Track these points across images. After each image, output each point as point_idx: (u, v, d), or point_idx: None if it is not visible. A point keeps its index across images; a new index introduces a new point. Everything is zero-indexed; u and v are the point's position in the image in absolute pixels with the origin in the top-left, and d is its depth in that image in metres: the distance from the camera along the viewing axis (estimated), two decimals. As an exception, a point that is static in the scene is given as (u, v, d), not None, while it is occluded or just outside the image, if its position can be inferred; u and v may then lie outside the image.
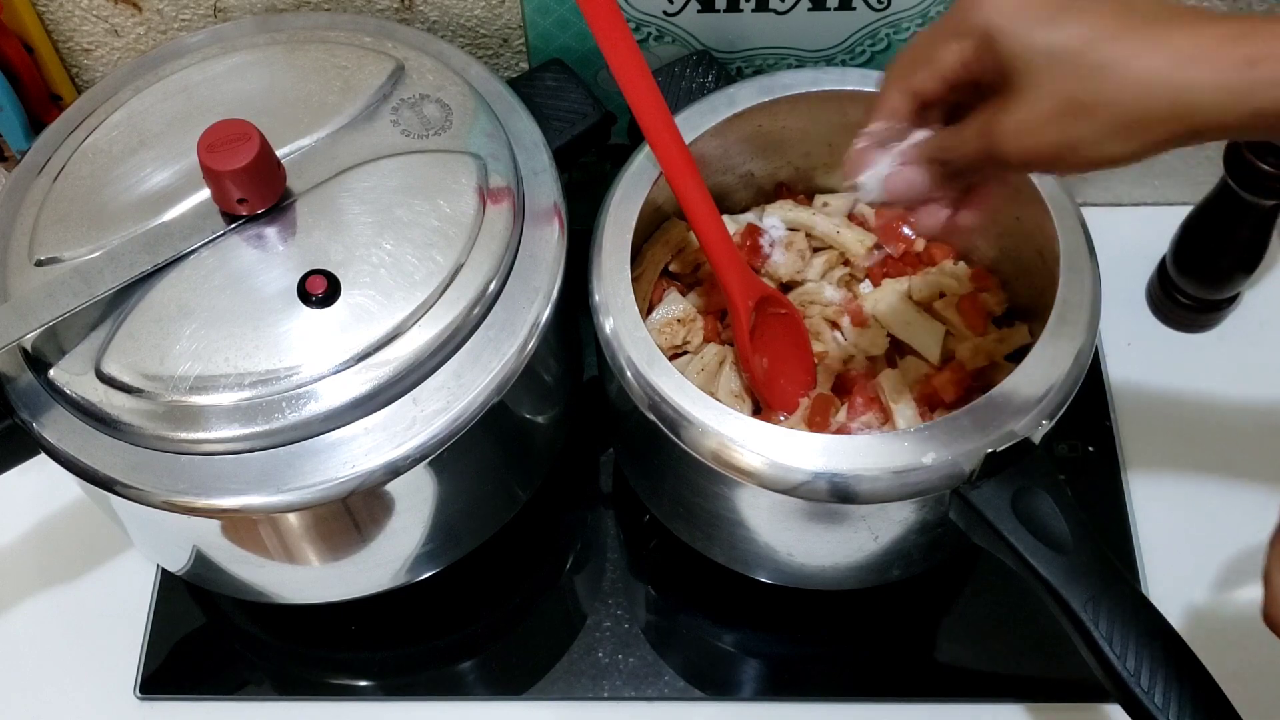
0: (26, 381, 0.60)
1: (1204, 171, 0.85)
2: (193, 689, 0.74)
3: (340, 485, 0.58)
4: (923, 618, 0.74)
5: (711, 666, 0.73)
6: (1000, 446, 0.57)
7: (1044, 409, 0.58)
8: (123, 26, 0.77)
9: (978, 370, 0.68)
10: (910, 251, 0.72)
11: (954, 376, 0.66)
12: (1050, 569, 0.56)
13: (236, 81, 0.67)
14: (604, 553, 0.77)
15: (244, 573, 0.66)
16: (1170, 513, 0.76)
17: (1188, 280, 0.80)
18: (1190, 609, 0.58)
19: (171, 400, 0.57)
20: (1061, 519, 0.57)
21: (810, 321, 0.71)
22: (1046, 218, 0.64)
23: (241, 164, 0.58)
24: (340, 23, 0.71)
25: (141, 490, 0.58)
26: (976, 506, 0.58)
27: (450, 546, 0.69)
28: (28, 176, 0.65)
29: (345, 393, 0.58)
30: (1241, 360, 0.82)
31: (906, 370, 0.68)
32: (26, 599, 0.76)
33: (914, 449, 0.57)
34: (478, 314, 0.61)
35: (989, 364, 0.68)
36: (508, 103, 0.68)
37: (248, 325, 0.59)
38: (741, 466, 0.58)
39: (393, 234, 0.61)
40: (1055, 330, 0.61)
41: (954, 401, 0.66)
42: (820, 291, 0.71)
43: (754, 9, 0.74)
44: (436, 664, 0.74)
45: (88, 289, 0.59)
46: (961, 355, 0.68)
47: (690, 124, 0.68)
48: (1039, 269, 0.66)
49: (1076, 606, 0.55)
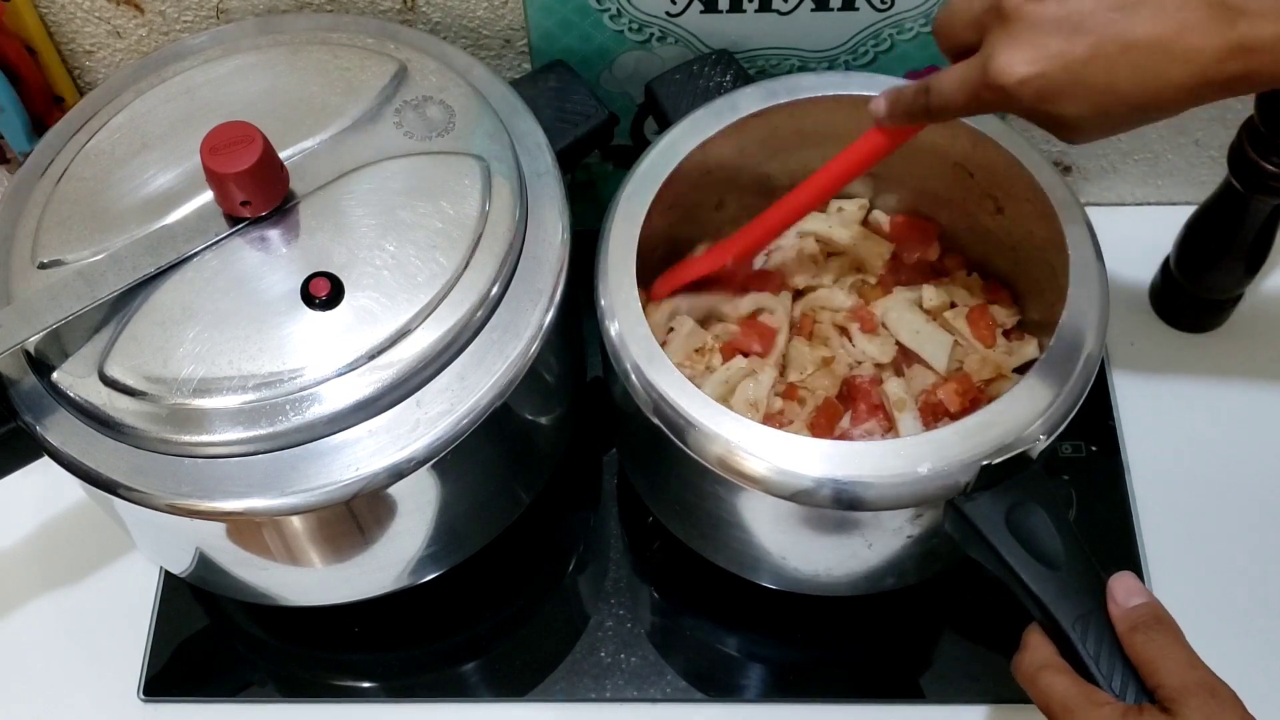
0: (30, 384, 0.60)
1: (1207, 171, 0.85)
2: (196, 691, 0.74)
3: (344, 488, 0.58)
4: (923, 621, 0.74)
5: (714, 668, 0.73)
6: (996, 459, 0.57)
7: (1043, 425, 0.58)
8: (125, 28, 0.77)
9: (985, 382, 0.67)
10: (924, 260, 0.72)
11: (959, 387, 0.66)
12: (1041, 585, 0.56)
13: (239, 83, 0.66)
14: (606, 554, 0.76)
15: (247, 575, 0.66)
16: (1174, 512, 0.76)
17: (1191, 280, 0.80)
18: (1193, 608, 0.58)
19: (175, 403, 0.57)
20: (1055, 535, 0.57)
21: (819, 327, 0.71)
22: (1058, 232, 0.63)
23: (245, 166, 0.58)
24: (343, 24, 0.71)
25: (144, 493, 0.58)
26: (970, 518, 0.57)
27: (454, 548, 0.69)
28: (30, 179, 0.65)
29: (349, 395, 0.58)
30: (1245, 360, 0.82)
31: (913, 379, 0.68)
32: (30, 602, 0.76)
33: (911, 458, 0.57)
34: (481, 316, 0.60)
35: (996, 376, 0.68)
36: (510, 104, 0.68)
37: (251, 328, 0.58)
38: (745, 471, 0.58)
39: (396, 236, 0.61)
40: (1058, 348, 0.60)
41: (959, 412, 0.66)
42: (831, 297, 0.71)
43: (757, 9, 0.73)
44: (440, 666, 0.74)
45: (91, 292, 0.59)
46: (969, 367, 0.68)
47: (704, 124, 0.67)
48: (1049, 283, 0.65)
49: (1065, 624, 0.55)
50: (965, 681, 0.72)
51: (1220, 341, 0.83)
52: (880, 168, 0.64)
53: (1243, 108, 0.78)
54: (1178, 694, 0.51)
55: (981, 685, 0.71)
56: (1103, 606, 0.55)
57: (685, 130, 0.68)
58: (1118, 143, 0.84)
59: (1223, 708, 0.50)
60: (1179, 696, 0.51)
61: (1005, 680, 0.71)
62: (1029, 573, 0.56)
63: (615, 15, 0.74)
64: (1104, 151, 0.85)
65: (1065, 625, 0.55)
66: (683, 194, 0.68)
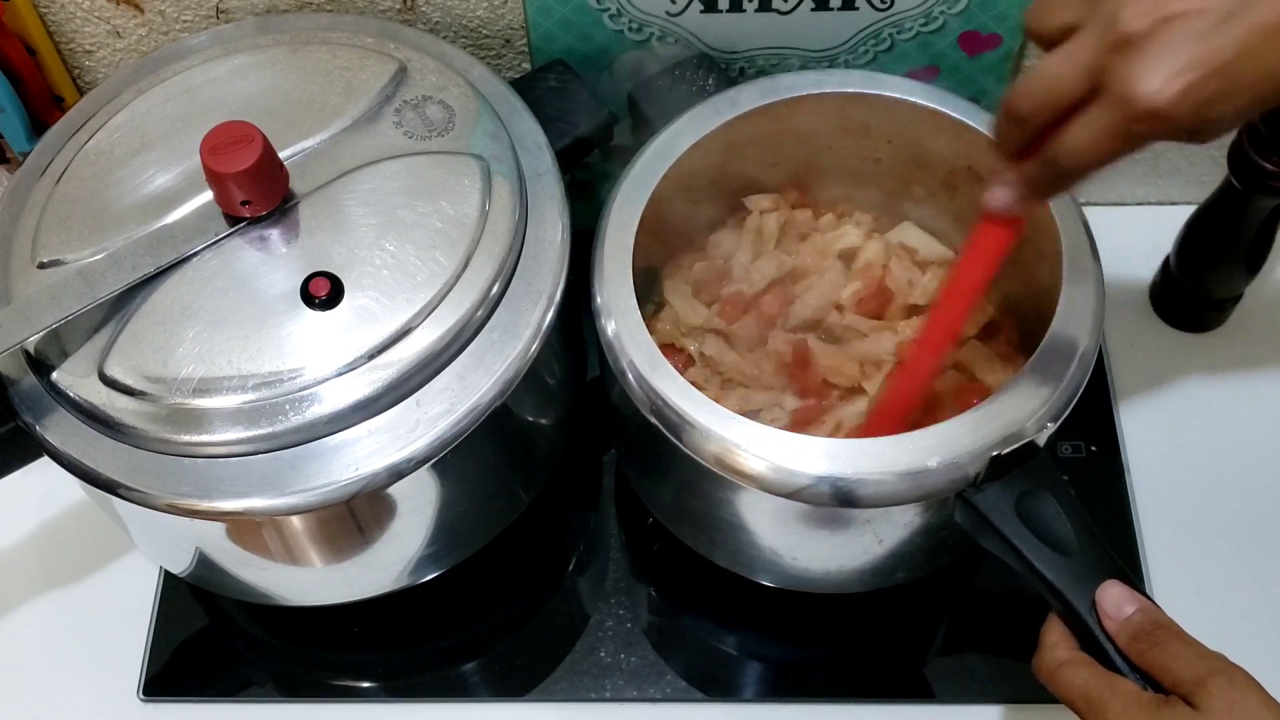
0: (29, 384, 0.60)
1: (1208, 171, 0.85)
2: (196, 690, 0.74)
3: (343, 488, 0.58)
4: (923, 620, 0.74)
5: (714, 668, 0.73)
6: (1005, 449, 0.57)
7: (1048, 411, 0.58)
8: (124, 28, 0.77)
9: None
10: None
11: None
12: (1054, 572, 0.56)
13: (239, 83, 0.66)
14: (606, 554, 0.76)
15: (247, 575, 0.66)
16: (1174, 513, 0.76)
17: (1192, 280, 0.80)
18: (1193, 608, 0.58)
19: (174, 403, 0.57)
20: (1066, 521, 0.57)
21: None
22: (1049, 219, 0.64)
23: (244, 166, 0.58)
24: (342, 24, 0.71)
25: (144, 493, 0.58)
26: (981, 509, 0.57)
27: (453, 548, 0.69)
28: (30, 178, 0.65)
29: (349, 395, 0.58)
30: (1245, 360, 0.82)
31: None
32: (29, 601, 0.76)
33: (918, 452, 0.57)
34: (481, 316, 0.60)
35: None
36: (510, 104, 0.68)
37: (251, 327, 0.58)
38: (744, 470, 0.58)
39: (396, 236, 0.61)
40: (1059, 333, 0.60)
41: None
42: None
43: (757, 9, 0.73)
44: (439, 665, 0.74)
45: (90, 291, 0.59)
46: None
47: (693, 127, 0.67)
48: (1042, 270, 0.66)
49: (1081, 610, 0.55)
50: (966, 680, 0.72)
51: (1220, 341, 0.83)
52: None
53: (1243, 107, 0.78)
54: (1197, 686, 0.51)
55: (982, 684, 0.71)
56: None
57: (679, 130, 0.67)
58: (1118, 142, 0.84)
59: (1243, 691, 0.50)
60: (1198, 689, 0.51)
61: (1006, 679, 0.71)
62: (1042, 560, 0.56)
63: (615, 15, 0.74)
64: (1104, 151, 0.85)
65: (1081, 610, 0.55)
66: (678, 193, 0.68)
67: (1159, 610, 0.55)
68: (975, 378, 0.69)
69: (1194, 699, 0.51)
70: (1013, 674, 0.71)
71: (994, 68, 0.77)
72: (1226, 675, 0.51)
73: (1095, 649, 0.55)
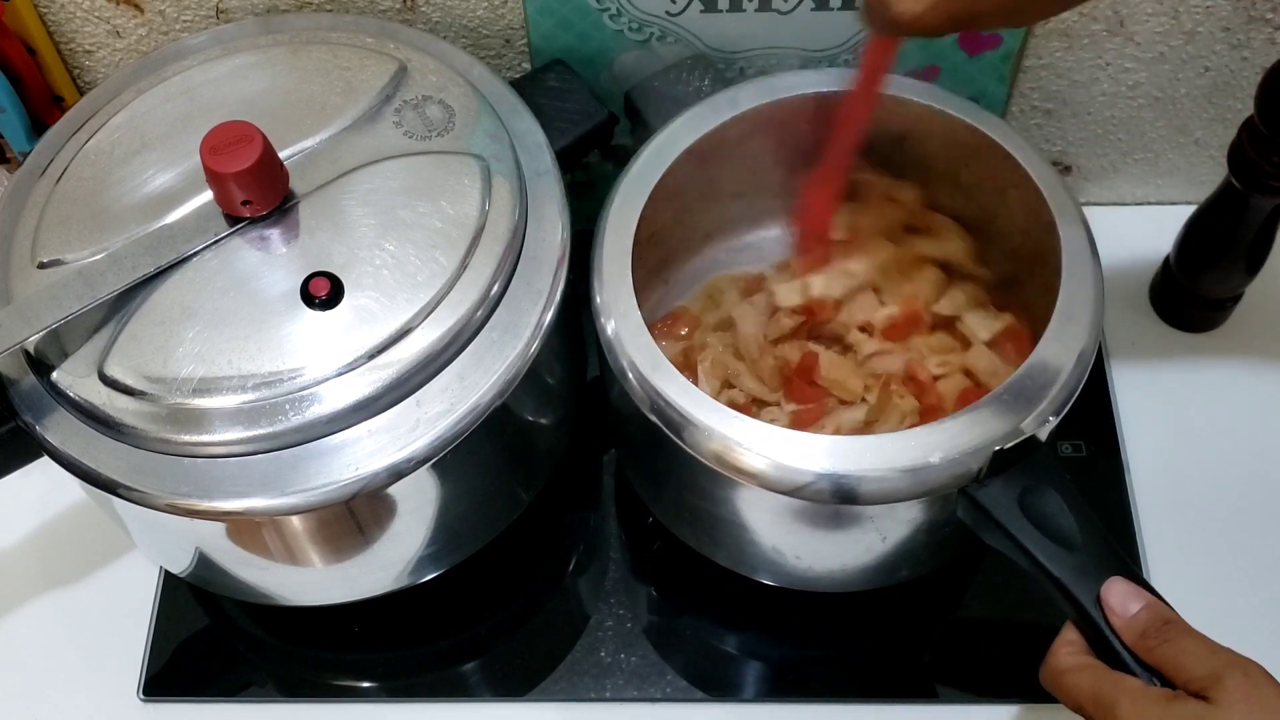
0: (29, 384, 0.60)
1: (1207, 171, 0.85)
2: (196, 691, 0.74)
3: (343, 488, 0.58)
4: (925, 618, 0.74)
5: (714, 667, 0.73)
6: (1008, 444, 0.57)
7: (1049, 406, 0.58)
8: (124, 28, 0.77)
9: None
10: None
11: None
12: (1059, 566, 0.56)
13: (239, 83, 0.66)
14: (606, 554, 0.76)
15: (247, 575, 0.66)
16: (1174, 512, 0.76)
17: (1191, 280, 0.80)
18: (1193, 608, 0.58)
19: (174, 403, 0.57)
20: (1069, 516, 0.57)
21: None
22: (1048, 215, 0.64)
23: (244, 166, 0.58)
24: (342, 24, 0.71)
25: (144, 493, 0.58)
26: (984, 505, 0.57)
27: (453, 548, 0.69)
28: (30, 178, 0.65)
29: (348, 395, 0.58)
30: (1245, 359, 0.82)
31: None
32: (29, 601, 0.76)
33: (920, 449, 0.57)
34: (481, 316, 0.60)
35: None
36: (510, 104, 0.68)
37: (251, 327, 0.58)
38: (744, 468, 0.58)
39: (396, 235, 0.61)
40: (1059, 328, 0.60)
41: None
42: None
43: (757, 9, 0.73)
44: (440, 665, 0.74)
45: (90, 291, 0.59)
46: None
47: (692, 126, 0.67)
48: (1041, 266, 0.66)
49: (1086, 603, 0.55)
50: (967, 679, 0.72)
51: (1220, 341, 0.83)
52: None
53: (1243, 108, 0.79)
54: (1212, 681, 0.51)
55: (985, 684, 0.71)
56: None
57: (678, 129, 0.68)
58: (1118, 142, 0.84)
59: (1259, 684, 0.50)
60: (1213, 684, 0.50)
61: (1009, 679, 0.71)
62: (1046, 555, 0.56)
63: (615, 15, 0.74)
64: (1104, 151, 0.85)
65: (1086, 605, 0.55)
66: (677, 192, 0.68)
67: (1166, 605, 0.55)
68: (977, 379, 0.69)
69: (1209, 693, 0.50)
70: (1016, 673, 0.71)
71: (994, 67, 0.77)
72: (1241, 668, 0.51)
73: (1102, 645, 0.55)
